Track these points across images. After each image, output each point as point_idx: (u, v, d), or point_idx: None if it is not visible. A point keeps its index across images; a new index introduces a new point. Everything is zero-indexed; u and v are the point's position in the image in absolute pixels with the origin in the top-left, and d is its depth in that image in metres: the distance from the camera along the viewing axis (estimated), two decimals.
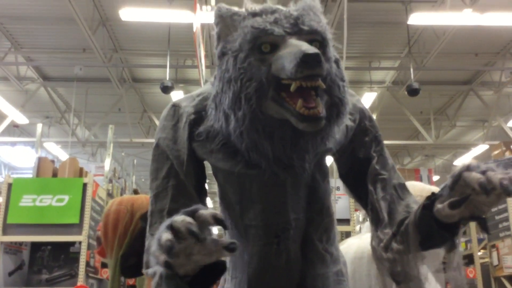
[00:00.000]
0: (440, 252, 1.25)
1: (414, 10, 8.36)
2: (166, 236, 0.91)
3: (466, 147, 13.58)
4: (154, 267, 1.06)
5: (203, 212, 0.93)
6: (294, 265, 1.26)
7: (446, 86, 11.55)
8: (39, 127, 6.83)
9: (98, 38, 9.00)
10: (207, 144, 1.23)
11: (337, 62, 1.16)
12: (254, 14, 1.14)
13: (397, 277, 1.22)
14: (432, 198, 1.11)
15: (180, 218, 0.92)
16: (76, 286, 4.73)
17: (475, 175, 1.02)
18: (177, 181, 1.25)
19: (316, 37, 1.11)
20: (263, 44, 1.09)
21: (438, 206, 1.09)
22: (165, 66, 9.33)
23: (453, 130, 13.42)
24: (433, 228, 1.11)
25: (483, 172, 1.02)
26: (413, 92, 9.41)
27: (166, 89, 9.23)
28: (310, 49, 1.00)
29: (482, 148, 12.44)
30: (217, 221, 0.93)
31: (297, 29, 1.10)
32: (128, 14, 7.94)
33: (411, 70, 9.63)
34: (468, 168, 1.04)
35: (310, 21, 1.11)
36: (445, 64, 10.25)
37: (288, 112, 1.06)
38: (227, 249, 0.94)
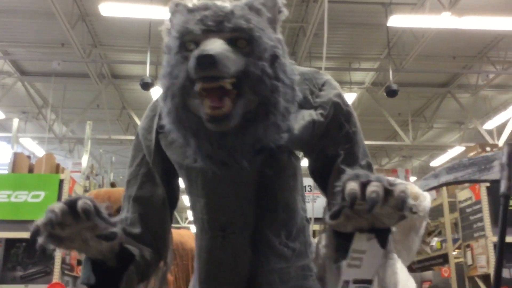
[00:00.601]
0: (414, 251, 1.22)
1: (394, 12, 8.46)
2: (37, 221, 1.01)
3: (443, 149, 13.78)
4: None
5: (78, 202, 1.00)
6: (241, 259, 1.25)
7: (424, 88, 11.71)
8: (16, 122, 6.73)
9: (77, 33, 8.88)
10: (168, 137, 1.26)
11: (273, 59, 1.12)
12: (190, 11, 1.14)
13: (322, 283, 1.20)
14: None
15: (51, 206, 1.01)
16: (51, 283, 4.68)
17: (351, 185, 0.95)
18: (147, 169, 1.31)
19: (240, 35, 1.09)
20: (187, 43, 1.10)
21: (326, 215, 1.03)
22: (145, 63, 9.26)
23: (430, 132, 13.60)
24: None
25: (366, 183, 0.94)
26: (391, 93, 9.52)
27: (146, 86, 9.15)
28: (207, 50, 1.01)
29: (458, 150, 12.64)
30: (84, 212, 0.99)
31: (221, 27, 1.09)
32: (108, 9, 7.86)
33: (390, 71, 9.74)
34: (353, 177, 0.97)
35: (238, 18, 1.10)
36: (424, 67, 10.39)
37: (201, 112, 1.08)
38: (101, 238, 1.04)
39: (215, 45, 1.04)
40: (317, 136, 1.25)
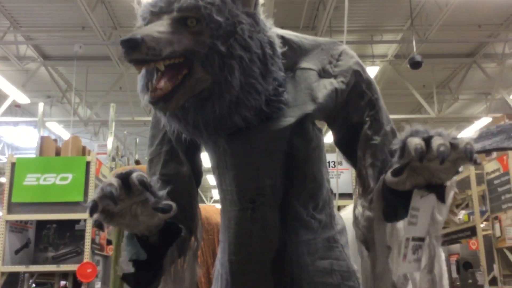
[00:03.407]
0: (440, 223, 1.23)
1: None
2: (94, 196, 1.02)
3: (469, 120, 13.54)
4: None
5: (132, 175, 1.02)
6: (271, 230, 1.25)
7: (449, 58, 11.46)
8: (41, 106, 6.83)
9: (97, 15, 8.92)
10: None
11: (228, 35, 1.11)
12: None
13: (367, 245, 1.23)
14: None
15: (107, 180, 1.02)
16: (82, 263, 4.79)
17: (415, 141, 0.99)
18: (170, 147, 1.32)
19: (189, 14, 1.09)
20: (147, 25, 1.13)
21: (387, 173, 1.08)
22: None
23: (456, 104, 13.36)
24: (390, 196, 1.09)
25: (428, 138, 0.98)
26: (415, 65, 9.33)
27: None
28: (133, 34, 1.02)
29: (485, 121, 12.40)
30: (141, 183, 1.01)
31: (170, 8, 1.10)
32: None
33: (414, 43, 9.53)
34: (412, 133, 1.02)
35: None
36: (448, 37, 10.15)
37: None
38: (158, 211, 1.05)
39: (149, 28, 1.06)
40: (340, 104, 1.26)
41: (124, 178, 1.02)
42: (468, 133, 13.60)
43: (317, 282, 1.26)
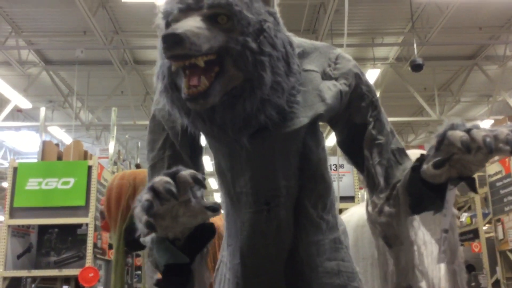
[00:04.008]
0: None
1: None
2: (146, 196, 0.96)
3: (471, 123, 13.51)
4: (151, 235, 1.10)
5: (182, 173, 0.98)
6: (285, 232, 1.26)
7: (450, 61, 11.45)
8: (43, 111, 6.83)
9: (99, 20, 8.93)
10: None
11: (258, 33, 1.11)
12: None
13: (389, 240, 1.24)
14: (421, 160, 1.12)
15: (158, 179, 0.97)
16: (84, 267, 4.79)
17: (458, 133, 1.02)
18: (173, 151, 1.29)
19: (220, 11, 1.08)
20: (171, 23, 1.11)
21: (424, 166, 1.09)
22: None
23: (458, 106, 13.36)
24: (422, 190, 1.11)
25: (468, 131, 1.02)
26: (416, 67, 9.32)
27: None
28: (174, 29, 1.00)
29: (487, 123, 12.37)
30: (196, 180, 0.97)
31: (200, 4, 1.09)
32: None
33: (415, 45, 9.54)
34: (452, 126, 1.05)
35: None
36: (449, 39, 10.14)
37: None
38: (210, 210, 1.00)
39: (187, 23, 1.04)
40: (343, 105, 1.29)
41: (172, 176, 0.99)
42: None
43: (326, 283, 1.28)
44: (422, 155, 1.12)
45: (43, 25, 9.65)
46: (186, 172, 0.98)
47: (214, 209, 1.01)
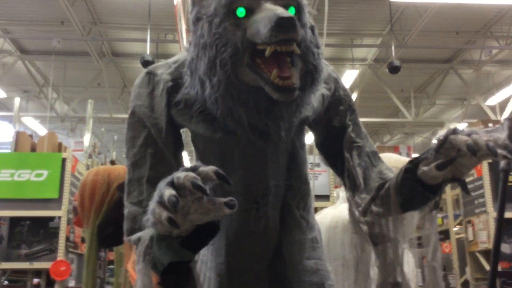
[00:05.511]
0: (413, 225, 1.31)
1: None
2: (169, 191, 0.91)
3: (445, 125, 13.73)
4: (139, 233, 1.06)
5: (204, 168, 0.93)
6: (272, 231, 1.28)
7: (427, 64, 11.62)
8: (17, 101, 6.73)
9: (77, 10, 8.81)
10: (186, 111, 1.22)
11: (312, 28, 1.15)
12: None
13: (375, 239, 1.26)
14: (415, 162, 1.15)
15: (183, 174, 0.92)
16: (55, 260, 4.73)
17: (462, 137, 1.06)
18: (155, 149, 1.24)
19: (291, 2, 1.10)
20: (238, 9, 1.07)
21: (424, 168, 1.11)
22: (145, 41, 9.19)
23: (433, 108, 13.56)
24: (415, 190, 1.14)
25: (468, 135, 1.06)
26: (394, 69, 9.45)
27: (146, 64, 9.09)
28: (285, 13, 0.99)
29: (461, 126, 12.53)
30: (220, 176, 0.93)
31: None
32: None
33: (393, 47, 9.65)
34: (454, 131, 1.08)
35: None
36: (426, 42, 10.29)
37: (263, 80, 1.06)
38: (228, 206, 0.94)
39: (284, 10, 1.02)
40: (323, 109, 1.32)
41: (193, 171, 0.94)
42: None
43: (305, 281, 1.30)
44: (415, 157, 1.15)
45: (20, 14, 9.46)
46: (208, 168, 0.93)
47: (232, 205, 0.94)
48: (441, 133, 1.10)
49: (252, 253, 1.28)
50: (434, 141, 1.11)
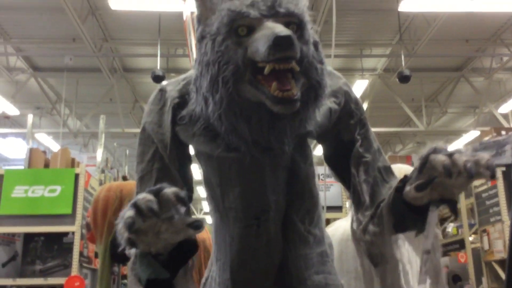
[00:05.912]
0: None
1: None
2: (129, 213, 0.95)
3: (457, 134, 13.64)
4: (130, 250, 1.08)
5: (166, 190, 0.97)
6: (274, 246, 1.27)
7: (437, 72, 11.57)
8: (30, 118, 6.79)
9: (88, 27, 8.91)
10: (190, 128, 1.24)
11: (315, 44, 1.16)
12: None
13: (374, 259, 1.25)
14: (404, 181, 1.13)
15: (141, 196, 0.96)
16: (70, 276, 4.74)
17: (441, 158, 1.03)
18: (162, 164, 1.27)
19: (292, 20, 1.11)
20: (240, 27, 1.09)
21: (407, 188, 1.10)
22: (155, 55, 9.27)
23: (444, 117, 13.47)
24: (405, 211, 1.12)
25: (450, 155, 1.03)
26: (404, 79, 9.42)
27: (157, 79, 9.17)
28: (283, 31, 1.00)
29: (473, 134, 12.50)
30: (179, 199, 0.96)
31: (274, 11, 1.09)
32: (117, 3, 7.86)
33: (402, 57, 9.64)
34: (434, 150, 1.05)
35: (287, 3, 1.11)
36: (436, 51, 10.25)
37: (263, 95, 1.07)
38: (192, 227, 0.99)
39: (283, 28, 1.04)
40: (332, 122, 1.30)
41: (156, 193, 0.97)
42: (456, 146, 13.66)
43: None
44: (405, 176, 1.13)
45: (32, 32, 9.61)
46: (169, 190, 0.96)
47: (196, 226, 0.99)
48: (423, 151, 1.08)
49: (256, 269, 1.28)
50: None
